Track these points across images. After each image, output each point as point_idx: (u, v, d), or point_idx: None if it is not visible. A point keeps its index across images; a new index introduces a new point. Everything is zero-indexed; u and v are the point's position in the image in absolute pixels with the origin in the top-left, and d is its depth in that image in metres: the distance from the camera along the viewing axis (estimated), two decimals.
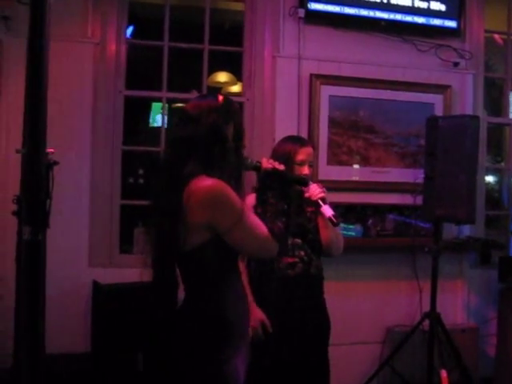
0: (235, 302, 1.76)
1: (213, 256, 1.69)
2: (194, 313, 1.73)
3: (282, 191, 1.80)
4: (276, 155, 2.53)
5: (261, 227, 1.70)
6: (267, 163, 1.88)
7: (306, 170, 2.56)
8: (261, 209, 1.78)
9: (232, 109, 1.77)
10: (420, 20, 3.87)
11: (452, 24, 3.93)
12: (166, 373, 1.77)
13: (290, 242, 2.52)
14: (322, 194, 2.39)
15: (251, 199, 1.96)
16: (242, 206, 1.66)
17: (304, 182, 2.33)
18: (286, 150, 2.55)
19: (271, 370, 2.46)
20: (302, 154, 2.55)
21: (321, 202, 2.37)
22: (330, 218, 2.34)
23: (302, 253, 2.57)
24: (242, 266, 2.24)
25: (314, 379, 2.59)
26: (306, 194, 2.44)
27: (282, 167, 1.89)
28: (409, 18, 3.85)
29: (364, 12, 3.76)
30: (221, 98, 1.78)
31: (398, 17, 3.83)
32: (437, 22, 3.91)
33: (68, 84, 3.34)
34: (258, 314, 2.46)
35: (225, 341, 1.70)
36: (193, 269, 1.74)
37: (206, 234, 1.65)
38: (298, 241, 2.58)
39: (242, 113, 1.92)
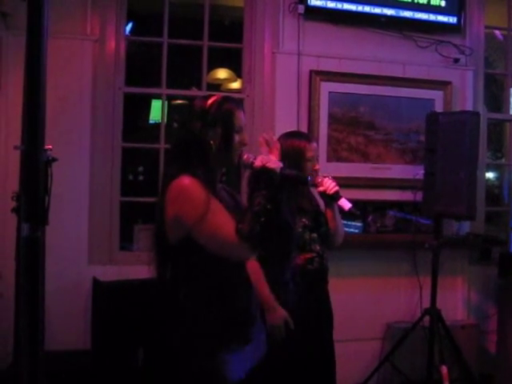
0: (222, 299, 1.74)
1: (192, 252, 1.70)
2: (183, 309, 1.76)
3: (269, 191, 1.65)
4: (284, 152, 2.51)
5: (226, 228, 1.63)
6: (259, 161, 1.73)
7: (317, 166, 2.57)
8: (245, 208, 1.69)
9: (220, 111, 1.75)
10: (420, 16, 3.86)
11: (452, 20, 3.92)
12: (163, 368, 1.80)
13: (307, 236, 2.52)
14: (337, 188, 2.40)
15: None
16: (208, 204, 1.63)
17: (302, 179, 1.93)
18: (295, 147, 2.51)
19: (283, 364, 2.43)
20: (311, 150, 2.55)
21: (337, 196, 2.39)
22: (350, 210, 2.36)
23: (318, 247, 2.57)
24: (255, 266, 2.20)
25: (323, 371, 2.59)
26: (321, 188, 2.45)
27: (275, 165, 1.71)
28: (409, 14, 3.83)
29: (364, 8, 3.74)
30: (210, 101, 1.77)
31: (398, 13, 3.81)
32: (437, 17, 3.89)
33: (67, 81, 3.33)
34: (281, 312, 2.37)
35: (211, 339, 1.71)
36: (178, 264, 1.78)
37: (180, 230, 1.69)
38: (315, 235, 2.56)
39: (240, 110, 1.87)
